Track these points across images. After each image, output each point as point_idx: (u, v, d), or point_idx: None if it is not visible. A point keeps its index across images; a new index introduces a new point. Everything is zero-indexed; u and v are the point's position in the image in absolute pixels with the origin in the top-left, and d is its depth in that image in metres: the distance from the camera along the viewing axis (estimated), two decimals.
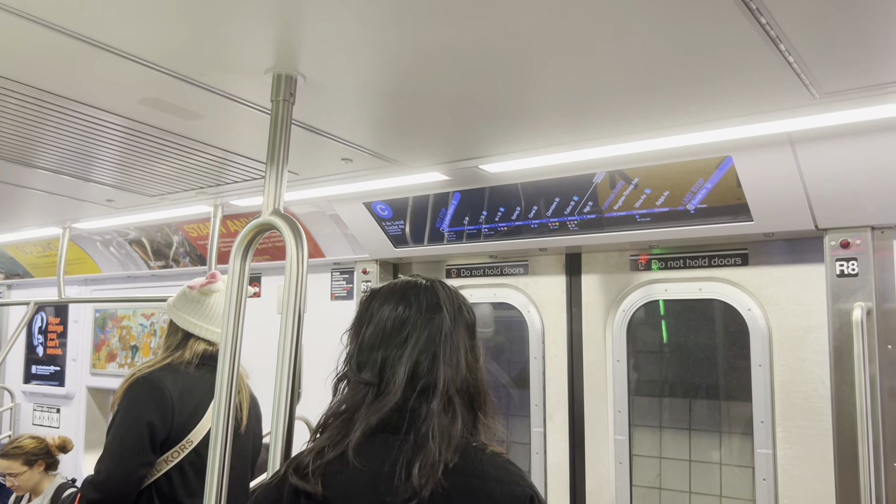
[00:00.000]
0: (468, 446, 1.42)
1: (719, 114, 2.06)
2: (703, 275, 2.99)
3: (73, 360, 5.41)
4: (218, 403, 1.66)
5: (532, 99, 1.97)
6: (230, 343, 1.68)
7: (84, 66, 1.82)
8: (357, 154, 2.56)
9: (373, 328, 1.51)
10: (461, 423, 1.44)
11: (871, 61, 1.68)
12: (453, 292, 1.61)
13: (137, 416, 2.28)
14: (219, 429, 1.64)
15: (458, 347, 1.51)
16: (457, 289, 1.63)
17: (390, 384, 1.44)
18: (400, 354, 1.46)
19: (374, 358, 1.47)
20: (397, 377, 1.44)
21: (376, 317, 1.52)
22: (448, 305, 1.55)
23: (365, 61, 1.74)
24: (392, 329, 1.49)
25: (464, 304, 1.61)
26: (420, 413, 1.41)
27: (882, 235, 2.50)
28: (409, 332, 1.49)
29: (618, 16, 1.46)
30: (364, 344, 1.51)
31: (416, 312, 1.51)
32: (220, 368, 1.67)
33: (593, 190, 2.79)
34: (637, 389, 3.16)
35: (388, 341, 1.48)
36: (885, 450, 2.45)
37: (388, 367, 1.46)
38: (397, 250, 3.55)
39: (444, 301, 1.55)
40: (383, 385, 1.45)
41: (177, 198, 3.39)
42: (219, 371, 1.67)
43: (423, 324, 1.50)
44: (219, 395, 1.66)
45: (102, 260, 4.93)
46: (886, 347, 2.49)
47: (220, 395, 1.66)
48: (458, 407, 1.45)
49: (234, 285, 1.70)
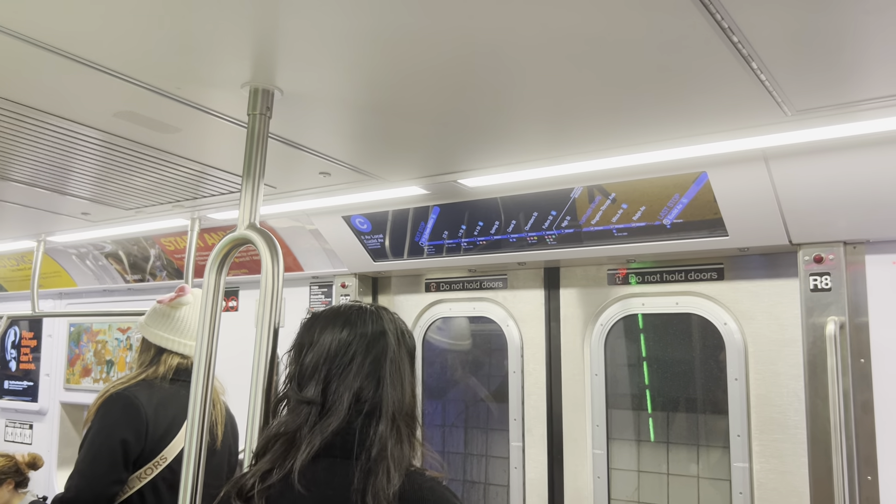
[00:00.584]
0: (410, 471, 1.42)
1: (694, 130, 2.09)
2: (680, 289, 3.01)
3: (46, 375, 5.32)
4: (191, 419, 1.65)
5: (510, 114, 1.99)
6: (204, 358, 1.67)
7: (59, 78, 1.81)
8: (335, 168, 2.56)
9: (315, 350, 1.50)
10: (408, 447, 1.46)
11: (841, 80, 1.71)
12: (397, 318, 1.62)
13: (110, 433, 2.25)
14: (192, 445, 1.63)
15: (401, 371, 1.52)
16: (398, 315, 1.65)
17: (334, 405, 1.43)
18: (344, 376, 1.46)
19: (317, 379, 1.47)
20: (342, 399, 1.43)
21: (319, 340, 1.52)
22: (392, 330, 1.56)
23: (342, 76, 1.74)
24: (336, 351, 1.49)
25: (406, 330, 1.62)
26: (367, 436, 1.41)
27: (854, 250, 2.54)
28: (353, 354, 1.49)
29: (594, 34, 1.47)
30: (306, 366, 1.50)
31: (360, 336, 1.51)
32: (193, 384, 1.66)
33: (571, 204, 2.80)
34: (615, 403, 3.16)
35: (332, 363, 1.48)
36: (858, 463, 2.48)
37: (332, 390, 1.45)
38: (376, 264, 3.54)
39: (388, 326, 1.56)
40: (327, 406, 1.44)
41: (153, 211, 3.36)
42: (192, 386, 1.66)
43: (368, 347, 1.50)
44: (192, 410, 1.65)
45: (78, 273, 4.87)
46: (859, 361, 2.52)
47: (193, 410, 1.65)
48: (403, 431, 1.46)
49: (209, 300, 1.69)
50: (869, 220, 2.40)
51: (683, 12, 1.36)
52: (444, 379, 3.73)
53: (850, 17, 1.39)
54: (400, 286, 3.86)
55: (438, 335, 3.74)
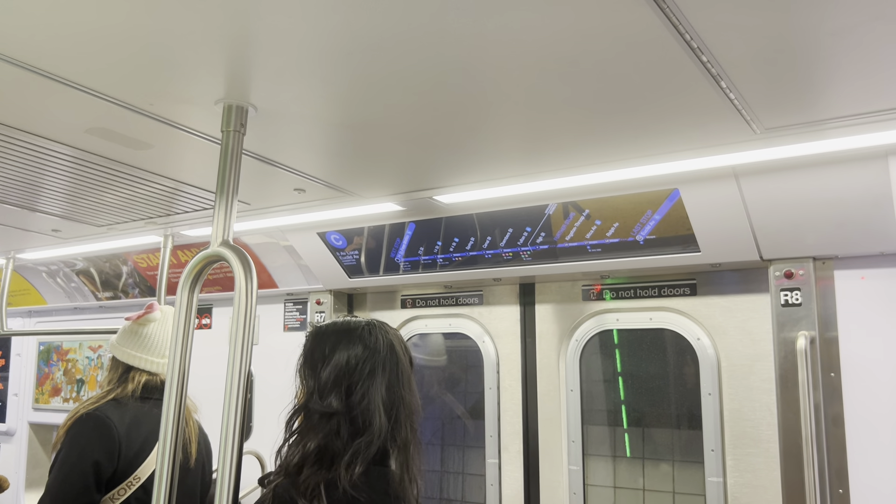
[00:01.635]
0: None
1: (666, 148, 2.11)
2: (654, 304, 3.04)
3: (14, 395, 5.22)
4: (164, 438, 1.62)
5: (485, 131, 2.00)
6: (177, 376, 1.64)
7: (29, 94, 1.79)
8: (310, 184, 2.55)
9: (332, 365, 1.60)
10: (420, 447, 1.64)
11: (808, 99, 1.74)
12: (397, 332, 1.76)
13: (81, 455, 2.20)
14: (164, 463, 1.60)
15: (411, 380, 1.68)
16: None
17: (369, 418, 1.54)
18: (370, 389, 1.57)
19: (338, 392, 1.56)
20: (374, 411, 1.55)
21: (334, 355, 1.61)
22: (398, 343, 1.70)
23: (316, 93, 1.74)
24: (354, 366, 1.59)
25: (405, 342, 1.77)
26: (396, 443, 1.58)
27: (823, 266, 2.58)
28: (373, 367, 1.60)
29: (567, 53, 1.49)
30: (325, 380, 1.59)
31: (375, 350, 1.62)
32: (166, 402, 1.63)
33: (546, 221, 2.82)
34: (591, 419, 3.17)
35: (351, 377, 1.58)
36: (830, 476, 2.51)
37: (357, 402, 1.55)
38: (352, 280, 3.53)
39: (395, 339, 1.69)
40: (358, 419, 1.55)
41: (126, 228, 3.32)
42: (165, 405, 1.64)
43: (385, 361, 1.62)
44: (165, 429, 1.62)
45: (48, 291, 4.79)
46: (830, 375, 2.55)
47: (165, 429, 1.62)
48: (417, 433, 1.63)
49: (182, 317, 1.67)
50: (837, 236, 2.44)
51: (654, 32, 1.38)
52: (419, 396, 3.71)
53: (816, 39, 1.42)
54: (375, 302, 3.85)
55: (415, 352, 3.73)
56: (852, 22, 1.36)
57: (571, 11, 1.32)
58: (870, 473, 2.46)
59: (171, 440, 1.62)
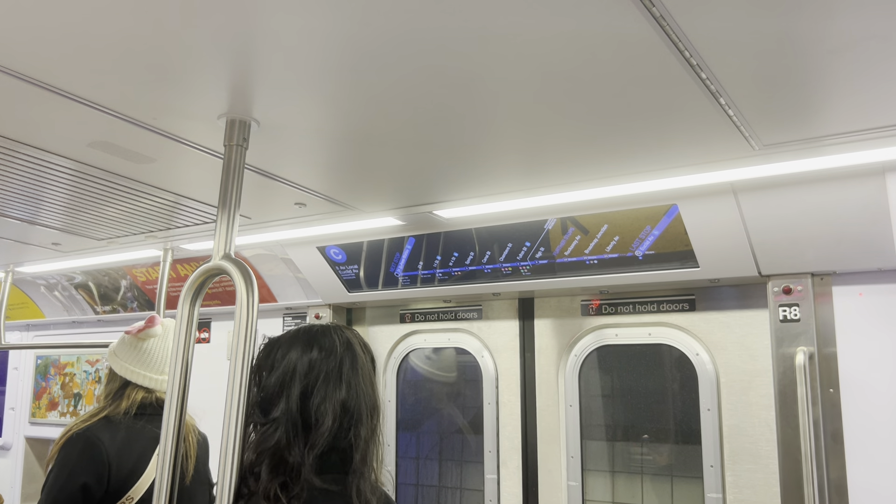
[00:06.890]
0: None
1: (665, 164, 2.13)
2: (653, 320, 3.04)
3: (11, 409, 5.20)
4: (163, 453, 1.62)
5: (485, 147, 2.01)
6: (177, 391, 1.64)
7: (33, 108, 1.80)
8: (310, 199, 2.56)
9: (280, 371, 1.58)
10: (378, 439, 1.63)
11: (807, 115, 1.76)
12: (355, 332, 1.74)
13: (70, 477, 2.17)
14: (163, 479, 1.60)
15: (370, 375, 1.66)
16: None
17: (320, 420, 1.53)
18: (327, 391, 1.56)
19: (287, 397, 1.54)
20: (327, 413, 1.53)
21: (283, 361, 1.59)
22: (357, 341, 1.69)
23: (318, 108, 1.75)
24: (309, 369, 1.58)
25: (364, 342, 1.75)
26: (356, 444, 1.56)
27: (822, 282, 2.59)
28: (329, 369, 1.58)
29: (568, 70, 1.50)
30: (270, 387, 1.57)
31: (330, 352, 1.61)
32: (165, 416, 1.63)
33: (545, 236, 2.83)
34: (590, 434, 3.17)
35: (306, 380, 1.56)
36: (829, 492, 2.50)
37: (315, 405, 1.54)
38: (351, 295, 3.53)
39: (352, 338, 1.68)
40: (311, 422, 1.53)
41: (126, 241, 3.33)
42: (165, 419, 1.63)
43: (342, 360, 1.61)
44: (164, 445, 1.62)
45: (46, 304, 4.78)
46: (829, 391, 2.55)
47: (165, 445, 1.62)
48: (375, 426, 1.62)
49: (183, 331, 1.67)
50: (835, 252, 2.45)
51: (653, 49, 1.40)
52: (418, 410, 3.70)
53: (815, 56, 1.44)
54: (375, 317, 3.85)
55: (414, 366, 3.72)
56: (850, 40, 1.37)
57: (571, 28, 1.33)
58: (870, 489, 2.45)
59: (171, 456, 1.61)
